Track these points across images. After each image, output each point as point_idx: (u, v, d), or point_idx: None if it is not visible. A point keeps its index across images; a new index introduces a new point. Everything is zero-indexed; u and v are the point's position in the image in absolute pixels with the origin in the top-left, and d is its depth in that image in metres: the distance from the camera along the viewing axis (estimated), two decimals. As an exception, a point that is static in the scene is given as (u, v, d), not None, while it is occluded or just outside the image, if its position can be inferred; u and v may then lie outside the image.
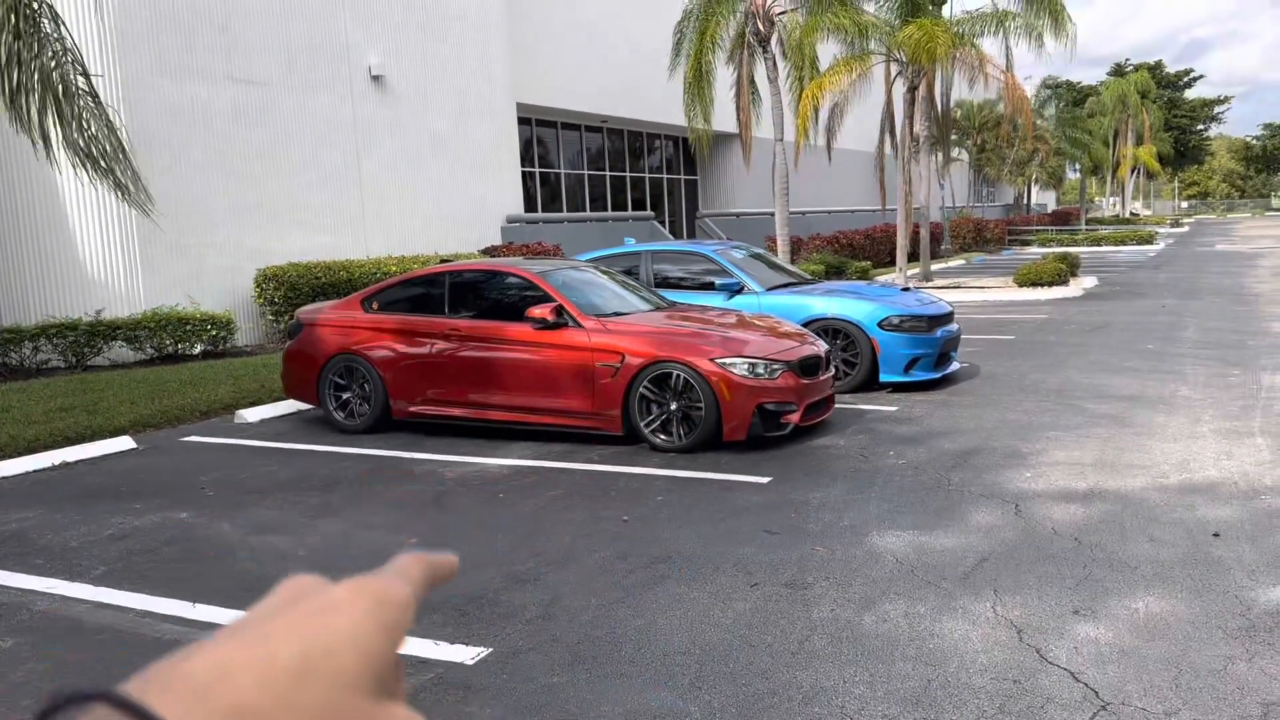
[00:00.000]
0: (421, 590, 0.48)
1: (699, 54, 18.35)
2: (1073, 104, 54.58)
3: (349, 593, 0.44)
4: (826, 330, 9.75)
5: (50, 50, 8.04)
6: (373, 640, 0.42)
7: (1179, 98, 79.29)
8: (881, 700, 3.59)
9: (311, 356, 8.87)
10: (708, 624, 4.32)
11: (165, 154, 13.65)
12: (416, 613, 0.47)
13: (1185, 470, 6.50)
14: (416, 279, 8.97)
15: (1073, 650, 3.94)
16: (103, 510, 6.51)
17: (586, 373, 7.75)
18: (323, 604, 0.43)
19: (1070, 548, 5.11)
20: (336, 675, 0.40)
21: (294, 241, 15.60)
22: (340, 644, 0.41)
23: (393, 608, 0.44)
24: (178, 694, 0.37)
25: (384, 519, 6.10)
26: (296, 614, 0.42)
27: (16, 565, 5.44)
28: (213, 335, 13.33)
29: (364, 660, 0.41)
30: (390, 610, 0.44)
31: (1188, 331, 13.43)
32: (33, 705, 3.67)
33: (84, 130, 8.24)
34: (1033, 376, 10.24)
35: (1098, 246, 37.60)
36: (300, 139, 15.84)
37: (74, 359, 12.53)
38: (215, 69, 14.47)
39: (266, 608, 0.43)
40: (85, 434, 8.51)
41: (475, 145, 19.56)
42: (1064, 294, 19.10)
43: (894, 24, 20.43)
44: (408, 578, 0.48)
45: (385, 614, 0.44)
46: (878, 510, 5.87)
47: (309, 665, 0.39)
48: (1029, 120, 23.00)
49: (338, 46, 16.54)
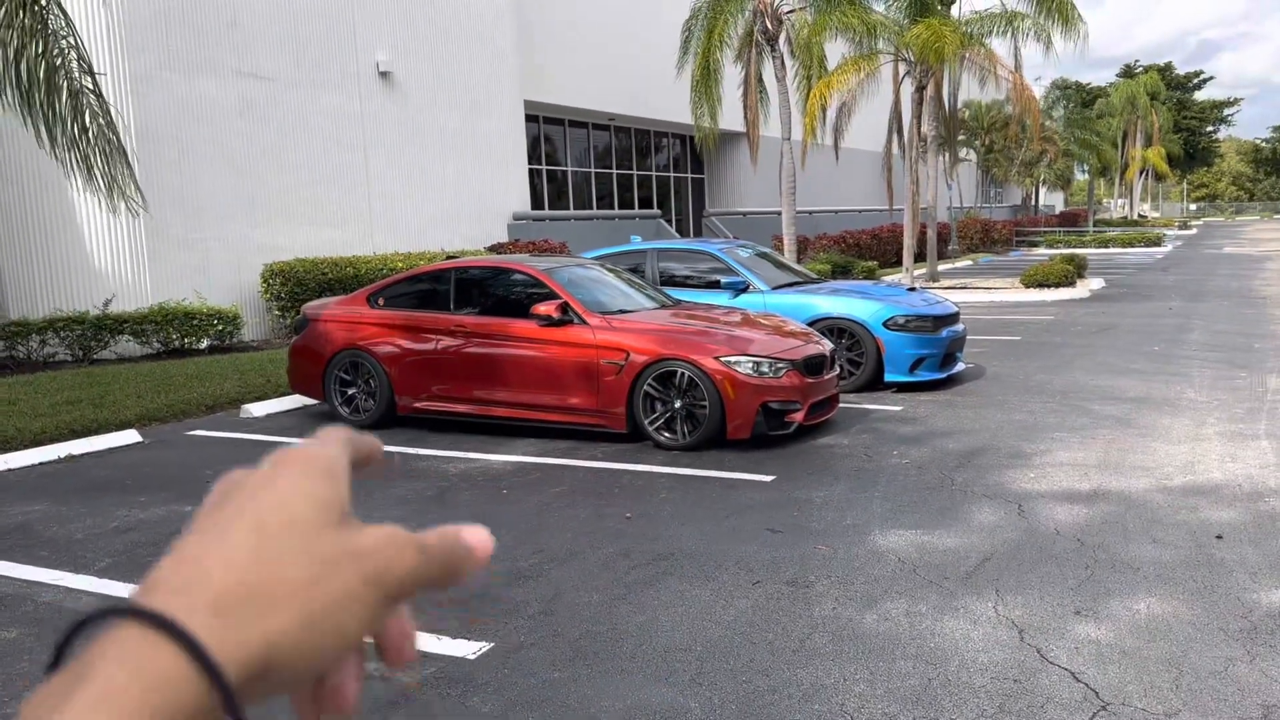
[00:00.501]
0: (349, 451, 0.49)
1: (707, 52, 18.35)
2: (1081, 105, 54.49)
3: (274, 463, 0.45)
4: (832, 329, 9.75)
5: (56, 48, 8.06)
6: (316, 486, 0.44)
7: (1188, 99, 79.08)
8: (882, 698, 3.60)
9: (317, 352, 8.90)
10: (709, 621, 4.32)
11: (173, 149, 13.70)
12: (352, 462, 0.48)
13: (1190, 472, 6.49)
14: (422, 275, 8.98)
15: (1074, 650, 3.94)
16: (108, 503, 6.54)
17: (591, 370, 7.76)
18: (256, 481, 0.44)
19: (1073, 548, 5.11)
20: (293, 523, 0.42)
21: (301, 237, 15.63)
22: (287, 498, 0.42)
23: (321, 459, 0.46)
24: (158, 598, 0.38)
25: (387, 514, 6.12)
26: (237, 498, 0.43)
27: (22, 557, 5.46)
28: (219, 330, 13.37)
29: (315, 503, 0.43)
30: (320, 462, 0.45)
31: (1194, 334, 13.40)
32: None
33: (84, 130, 8.26)
34: (1038, 377, 10.22)
35: (1105, 248, 37.52)
36: (308, 135, 15.87)
37: (81, 352, 12.57)
38: (224, 64, 14.51)
39: (209, 504, 0.44)
40: (91, 427, 8.54)
41: (483, 142, 19.58)
42: (1071, 295, 19.07)
43: (902, 23, 20.40)
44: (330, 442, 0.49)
45: (317, 465, 0.45)
46: (881, 509, 5.87)
47: (264, 526, 0.41)
48: (1037, 121, 22.98)
49: (346, 43, 16.57)
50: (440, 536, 0.47)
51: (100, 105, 8.53)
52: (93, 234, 13.51)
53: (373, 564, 0.43)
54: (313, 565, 0.41)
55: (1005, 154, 41.85)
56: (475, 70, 19.34)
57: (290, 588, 0.40)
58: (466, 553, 0.47)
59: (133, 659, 0.36)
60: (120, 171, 8.59)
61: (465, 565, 0.47)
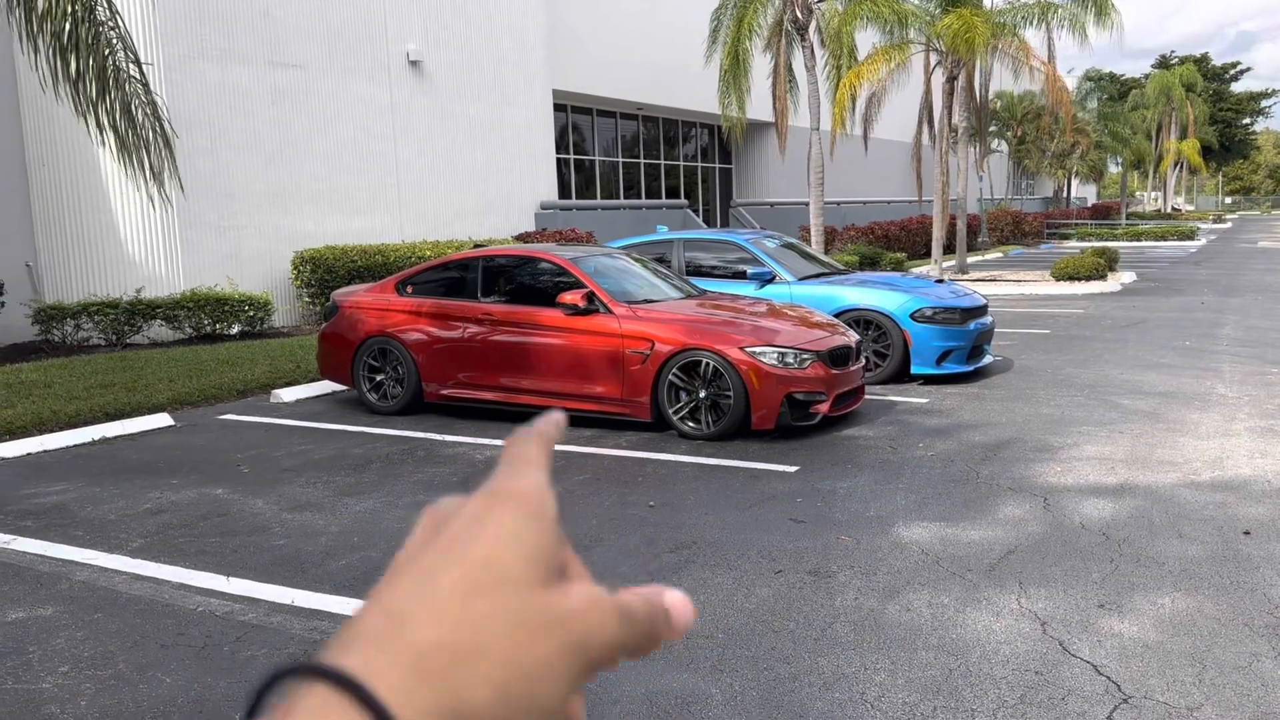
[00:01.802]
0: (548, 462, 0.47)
1: (736, 41, 18.29)
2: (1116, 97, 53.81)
3: (484, 501, 0.43)
4: (858, 321, 9.73)
5: (104, 37, 8.17)
6: (525, 534, 0.42)
7: (1225, 90, 77.86)
8: (902, 688, 3.61)
9: (346, 338, 8.98)
10: (731, 609, 4.35)
11: (205, 137, 13.84)
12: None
13: (1218, 467, 6.44)
14: (450, 263, 9.04)
15: (1096, 644, 3.94)
16: (141, 485, 6.65)
17: (616, 359, 7.80)
18: (466, 521, 0.42)
19: (1098, 542, 5.09)
20: (502, 582, 0.40)
21: (331, 224, 15.76)
22: (495, 551, 0.41)
23: (531, 497, 0.44)
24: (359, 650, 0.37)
25: (414, 499, 6.19)
26: (446, 539, 0.42)
27: (57, 536, 5.57)
28: (250, 316, 13.51)
29: (524, 556, 0.41)
30: (530, 501, 0.43)
31: (1226, 329, 13.25)
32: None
33: (130, 117, 8.37)
34: (1067, 371, 10.16)
35: (1137, 241, 37.11)
36: (338, 123, 15.98)
37: (114, 337, 12.75)
38: (256, 53, 14.63)
39: (416, 542, 0.43)
40: (125, 410, 8.67)
41: (511, 131, 19.63)
42: (1102, 289, 18.89)
43: (933, 13, 20.24)
44: (529, 461, 0.46)
45: (527, 507, 0.43)
46: (905, 501, 5.87)
47: (473, 582, 0.39)
48: (1069, 114, 22.72)
49: (376, 32, 16.65)
50: (644, 601, 0.44)
51: (145, 94, 8.64)
52: (127, 220, 13.69)
53: (575, 632, 0.40)
54: (517, 630, 0.39)
55: (1037, 145, 41.44)
56: (504, 60, 19.38)
57: (492, 654, 0.38)
58: (665, 619, 0.44)
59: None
60: (164, 160, 8.71)
61: (664, 633, 0.44)
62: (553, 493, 0.45)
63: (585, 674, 0.41)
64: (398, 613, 0.38)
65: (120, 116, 8.28)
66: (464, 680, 0.37)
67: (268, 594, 4.65)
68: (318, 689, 0.36)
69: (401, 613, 0.38)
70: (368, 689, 0.35)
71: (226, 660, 3.96)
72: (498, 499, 0.43)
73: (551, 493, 0.45)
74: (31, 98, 13.85)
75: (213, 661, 3.95)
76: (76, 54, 7.91)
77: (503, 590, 0.39)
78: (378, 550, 5.23)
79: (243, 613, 4.44)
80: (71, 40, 7.88)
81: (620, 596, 0.43)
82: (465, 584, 0.39)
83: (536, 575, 0.41)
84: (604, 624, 0.42)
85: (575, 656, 0.40)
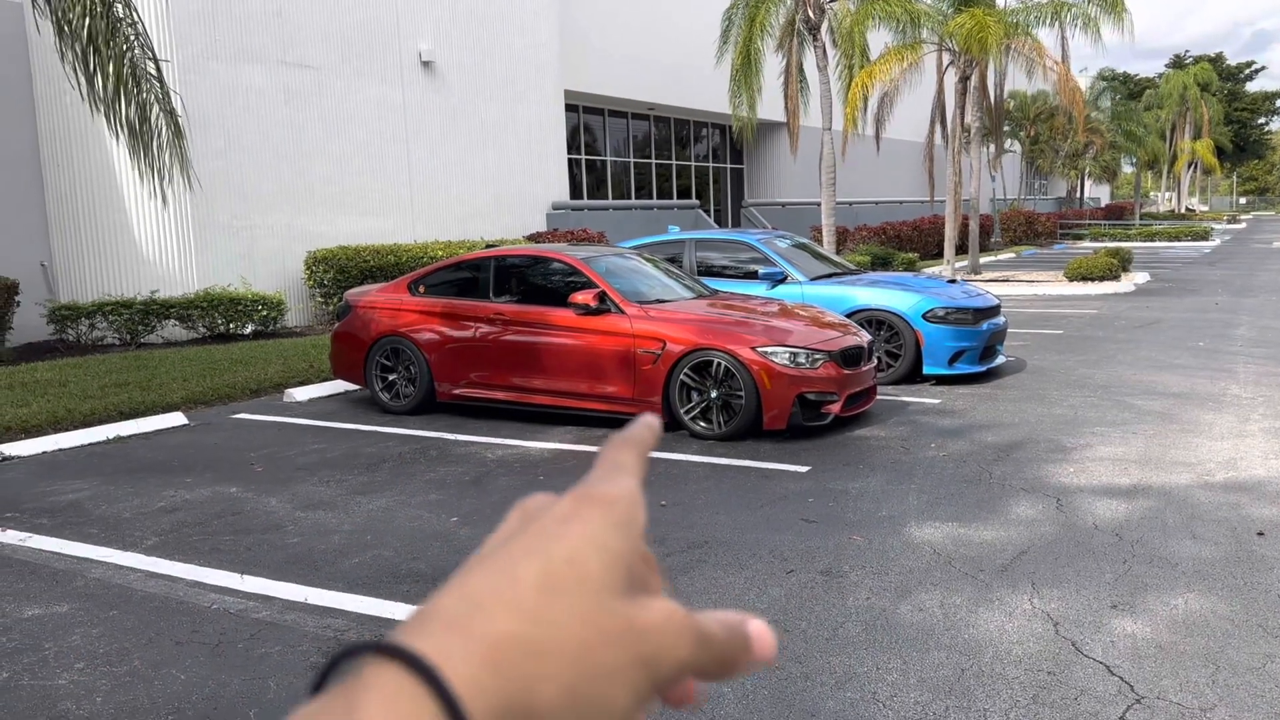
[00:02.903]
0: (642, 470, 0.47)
1: (748, 41, 18.28)
2: (1129, 96, 53.57)
3: (576, 501, 0.43)
4: (870, 321, 9.71)
5: (122, 34, 8.23)
6: (611, 540, 0.42)
7: (1240, 90, 77.44)
8: (914, 687, 3.61)
9: (359, 338, 9.02)
10: (743, 608, 4.34)
11: (219, 137, 13.90)
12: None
13: (1232, 468, 6.42)
14: (462, 263, 9.07)
15: (1109, 644, 3.93)
16: (155, 483, 6.69)
17: (628, 359, 7.81)
18: (554, 518, 0.42)
19: (1111, 543, 5.08)
20: (583, 582, 0.40)
21: (343, 225, 15.82)
22: (580, 552, 0.41)
23: (623, 504, 0.44)
24: (433, 633, 0.37)
25: (426, 498, 6.21)
26: (531, 533, 0.42)
27: (72, 534, 5.61)
28: (263, 315, 13.57)
29: (607, 561, 0.41)
30: (621, 508, 0.43)
31: (1241, 329, 13.18)
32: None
33: (146, 116, 8.43)
34: (1080, 371, 10.12)
35: (1151, 242, 36.94)
36: (351, 123, 16.03)
37: (128, 336, 12.82)
38: (268, 54, 14.69)
39: (503, 533, 0.43)
40: (139, 409, 8.72)
41: (522, 132, 19.66)
42: (1115, 289, 18.82)
43: (946, 13, 20.19)
44: (624, 468, 0.47)
45: (617, 513, 0.43)
46: (917, 501, 5.86)
47: (553, 579, 0.39)
48: (1081, 114, 22.61)
49: (389, 32, 16.70)
50: (724, 626, 0.44)
51: (163, 92, 8.70)
52: (141, 220, 13.76)
53: (648, 646, 0.40)
54: (591, 632, 0.39)
55: (1051, 145, 41.30)
56: (516, 60, 19.42)
57: (564, 653, 0.38)
58: (745, 647, 0.44)
59: (390, 703, 0.35)
60: (179, 158, 8.77)
61: (741, 660, 0.44)
62: (643, 503, 0.45)
63: (653, 690, 0.41)
64: (475, 600, 0.39)
65: (137, 114, 8.33)
66: (534, 677, 0.37)
67: (281, 592, 4.67)
68: (389, 669, 0.36)
69: (479, 601, 0.38)
70: (442, 676, 0.35)
71: (240, 658, 3.98)
72: (588, 501, 0.43)
73: (641, 503, 0.45)
74: (47, 99, 13.94)
75: (227, 659, 3.97)
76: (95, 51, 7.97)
77: (581, 591, 0.39)
78: (390, 549, 5.25)
79: (256, 610, 4.47)
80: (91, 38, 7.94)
81: (698, 618, 0.43)
82: (545, 580, 0.39)
83: (616, 583, 0.41)
84: (678, 643, 0.41)
85: (645, 670, 0.40)
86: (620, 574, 0.41)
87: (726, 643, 0.43)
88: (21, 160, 13.93)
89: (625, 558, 0.42)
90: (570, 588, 0.39)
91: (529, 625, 0.38)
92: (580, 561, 0.40)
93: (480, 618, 0.38)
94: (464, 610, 0.38)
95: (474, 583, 0.39)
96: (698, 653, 0.42)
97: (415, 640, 0.37)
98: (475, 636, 0.37)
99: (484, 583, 0.39)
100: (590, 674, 0.38)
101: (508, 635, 0.37)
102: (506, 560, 0.40)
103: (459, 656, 0.36)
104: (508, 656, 0.37)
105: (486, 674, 0.36)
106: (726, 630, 0.43)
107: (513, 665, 0.37)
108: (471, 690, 0.36)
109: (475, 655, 0.37)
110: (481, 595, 0.39)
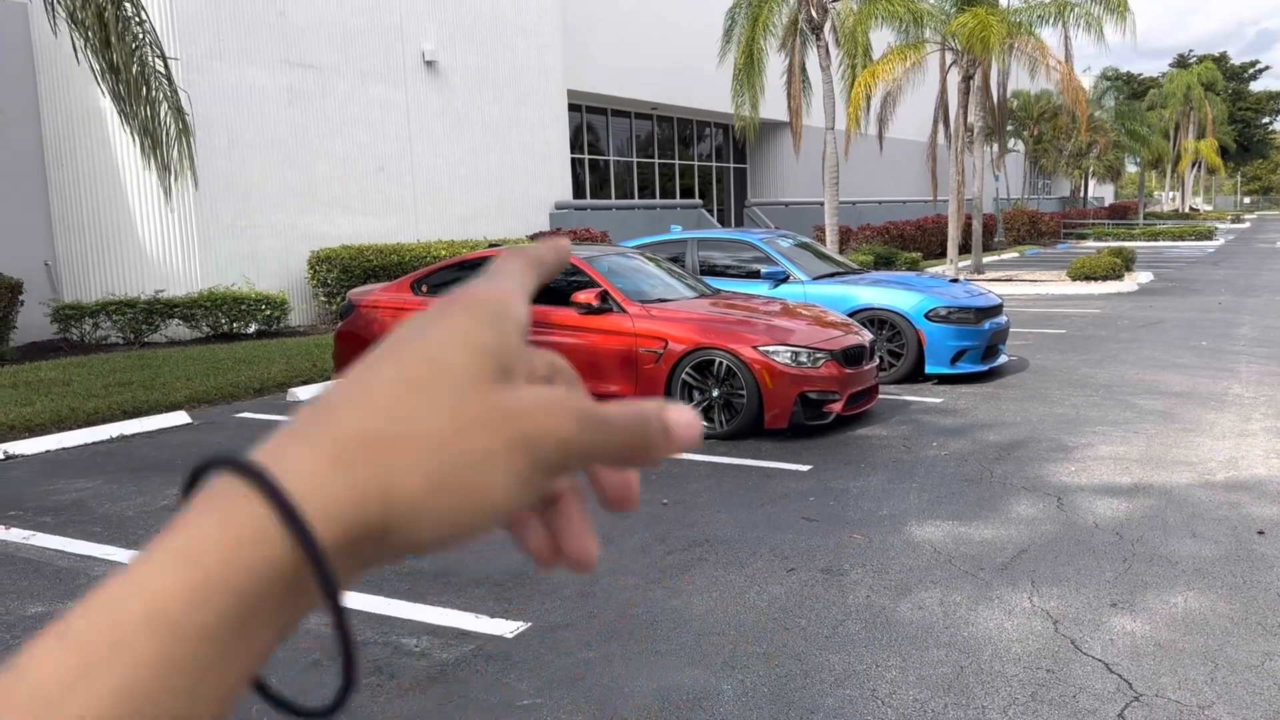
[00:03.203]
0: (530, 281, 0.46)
1: (750, 40, 18.30)
2: (1133, 96, 53.52)
3: (439, 305, 0.42)
4: (872, 321, 9.72)
5: (131, 33, 8.26)
6: (476, 334, 0.40)
7: (1244, 89, 77.36)
8: (913, 685, 3.62)
9: (362, 337, 9.03)
10: (743, 606, 4.37)
11: (223, 136, 13.93)
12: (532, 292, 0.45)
13: (1233, 468, 6.42)
14: (465, 263, 9.09)
15: (1108, 642, 3.94)
16: (158, 482, 6.71)
17: (630, 358, 7.82)
18: (415, 324, 0.41)
19: (1111, 541, 5.09)
20: (441, 375, 0.38)
21: (346, 224, 15.85)
22: (438, 348, 0.39)
23: (490, 303, 0.42)
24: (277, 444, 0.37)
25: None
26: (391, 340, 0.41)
27: (76, 533, 5.64)
28: (267, 315, 13.60)
29: (469, 354, 0.39)
30: (488, 306, 0.42)
31: (1243, 329, 13.17)
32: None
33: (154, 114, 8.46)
34: (1082, 371, 10.12)
35: (1155, 241, 36.92)
36: (354, 123, 16.06)
37: (132, 335, 12.86)
38: (272, 54, 14.72)
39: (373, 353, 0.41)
40: (142, 408, 8.75)
41: (525, 132, 19.68)
42: (1118, 289, 18.81)
43: (949, 12, 20.19)
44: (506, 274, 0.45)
45: (483, 311, 0.41)
46: (918, 500, 5.87)
47: (409, 375, 0.38)
48: (1085, 114, 22.63)
49: (392, 33, 16.73)
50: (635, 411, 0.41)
51: (170, 89, 8.73)
52: (145, 220, 13.80)
53: (521, 427, 0.38)
54: (452, 421, 0.37)
55: (1054, 145, 41.28)
56: (519, 60, 19.44)
57: (422, 443, 0.37)
58: (661, 432, 0.41)
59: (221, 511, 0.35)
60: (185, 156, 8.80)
61: (657, 445, 0.41)
62: (519, 302, 0.43)
63: (545, 472, 0.39)
64: (327, 408, 0.38)
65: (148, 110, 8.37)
66: (391, 468, 0.36)
67: (283, 589, 4.68)
68: (226, 479, 0.36)
69: (331, 408, 0.38)
70: (270, 476, 0.35)
71: (243, 654, 4.00)
72: (451, 304, 0.42)
73: (516, 301, 0.43)
74: (51, 99, 13.99)
75: (229, 655, 3.99)
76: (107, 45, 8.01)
77: (440, 384, 0.38)
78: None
79: (259, 608, 4.48)
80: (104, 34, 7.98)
81: (589, 402, 0.41)
82: (399, 377, 0.38)
83: (483, 374, 0.39)
84: (557, 423, 0.39)
85: (523, 453, 0.38)
86: (488, 365, 0.39)
87: (632, 427, 0.41)
88: (26, 160, 13.97)
89: (493, 350, 0.40)
90: (428, 382, 0.38)
91: (381, 421, 0.37)
92: (438, 357, 0.39)
93: (327, 420, 0.37)
94: (314, 418, 0.38)
95: (330, 393, 0.39)
96: (587, 432, 0.39)
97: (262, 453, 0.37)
98: (320, 439, 0.37)
99: (338, 391, 0.39)
100: (456, 461, 0.37)
101: (356, 433, 0.37)
102: (363, 369, 0.39)
103: (297, 457, 0.36)
104: (358, 454, 0.36)
105: (331, 471, 0.36)
106: (637, 415, 0.41)
107: (364, 461, 0.36)
108: (313, 485, 0.35)
109: (317, 455, 0.36)
110: (333, 402, 0.38)
